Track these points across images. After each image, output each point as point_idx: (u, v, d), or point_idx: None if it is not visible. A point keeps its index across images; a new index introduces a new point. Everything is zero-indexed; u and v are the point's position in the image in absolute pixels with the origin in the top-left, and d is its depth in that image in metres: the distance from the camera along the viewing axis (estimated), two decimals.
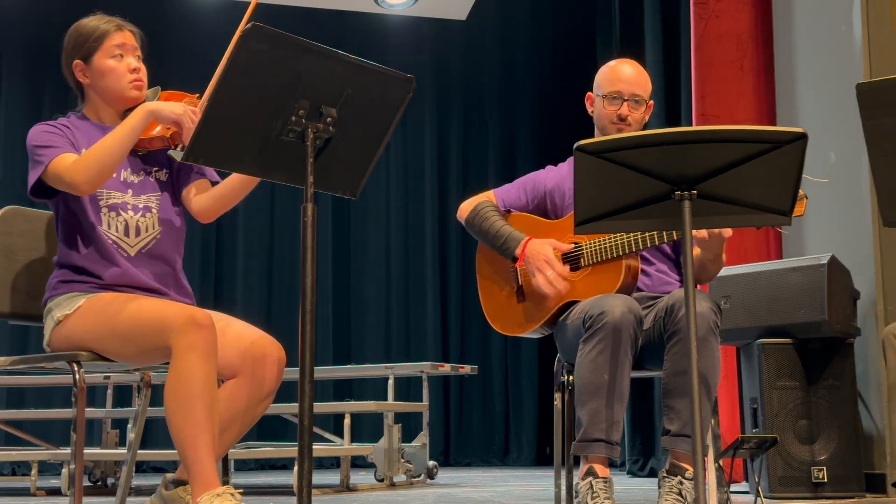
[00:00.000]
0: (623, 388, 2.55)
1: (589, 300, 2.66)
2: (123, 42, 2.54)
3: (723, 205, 2.05)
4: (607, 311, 2.54)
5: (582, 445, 2.56)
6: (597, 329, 2.54)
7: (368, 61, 2.06)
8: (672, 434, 2.57)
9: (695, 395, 1.92)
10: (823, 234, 4.43)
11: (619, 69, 2.95)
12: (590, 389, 2.54)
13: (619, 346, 2.53)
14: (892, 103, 2.00)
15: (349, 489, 4.67)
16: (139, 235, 2.51)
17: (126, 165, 2.54)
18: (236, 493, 2.17)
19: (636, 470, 5.81)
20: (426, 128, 8.41)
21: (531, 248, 2.83)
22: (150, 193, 2.56)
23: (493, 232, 2.93)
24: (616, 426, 2.55)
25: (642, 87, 2.92)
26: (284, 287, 7.85)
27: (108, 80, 2.53)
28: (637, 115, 2.90)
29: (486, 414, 8.16)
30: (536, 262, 2.80)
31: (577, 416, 2.58)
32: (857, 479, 3.74)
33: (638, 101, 2.90)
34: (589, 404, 2.54)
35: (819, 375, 3.81)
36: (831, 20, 4.38)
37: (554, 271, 2.77)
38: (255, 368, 2.38)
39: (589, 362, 2.54)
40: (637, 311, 2.59)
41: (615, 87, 2.90)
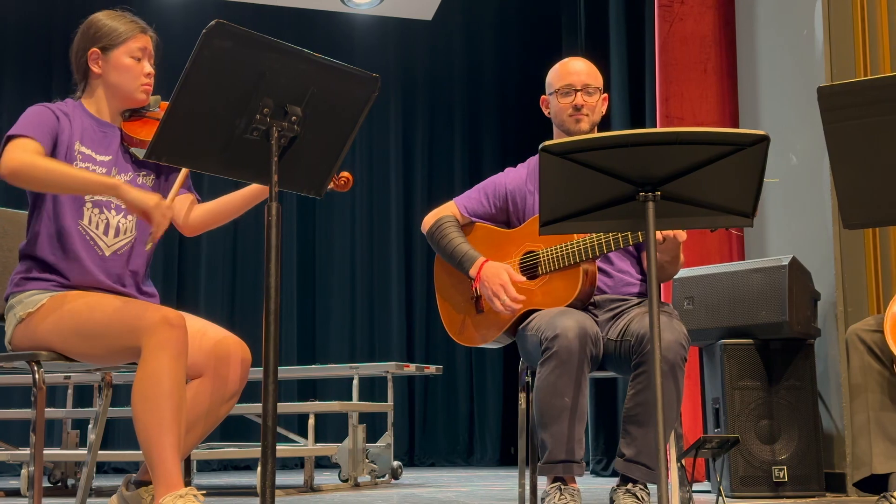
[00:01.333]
0: (582, 407, 2.60)
1: (544, 318, 2.67)
2: (145, 46, 2.55)
3: (686, 206, 2.07)
4: (561, 335, 2.56)
5: (548, 467, 2.61)
6: (553, 352, 2.57)
7: (333, 60, 2.05)
8: (626, 459, 2.62)
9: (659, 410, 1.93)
10: (785, 235, 4.48)
11: (567, 64, 2.99)
12: (551, 413, 2.57)
13: (575, 368, 2.56)
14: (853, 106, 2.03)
15: (313, 489, 4.65)
16: (117, 236, 2.48)
17: (116, 163, 2.51)
18: (199, 495, 2.16)
19: (599, 469, 5.84)
20: (392, 127, 8.40)
21: (486, 271, 2.84)
22: None
23: (451, 249, 2.94)
24: (579, 443, 2.60)
25: (592, 77, 2.95)
26: (248, 286, 7.80)
27: (123, 76, 2.51)
28: (592, 102, 2.92)
29: (451, 414, 8.17)
30: (492, 286, 2.80)
31: (541, 438, 2.62)
32: (818, 479, 3.79)
33: (590, 90, 2.92)
34: (551, 428, 2.58)
35: (780, 376, 3.85)
36: (793, 24, 4.43)
37: (509, 296, 2.78)
38: (219, 368, 2.37)
39: (549, 385, 2.57)
40: (592, 329, 2.61)
41: (566, 81, 2.93)
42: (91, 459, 2.83)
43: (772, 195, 4.42)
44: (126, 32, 2.51)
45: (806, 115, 4.10)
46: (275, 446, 1.91)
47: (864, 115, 2.02)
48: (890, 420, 2.50)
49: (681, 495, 2.70)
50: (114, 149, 2.53)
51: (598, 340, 2.63)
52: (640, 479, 2.61)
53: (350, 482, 4.92)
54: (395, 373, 5.57)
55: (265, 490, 1.90)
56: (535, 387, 2.63)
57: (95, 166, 2.47)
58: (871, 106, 2.00)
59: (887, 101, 1.99)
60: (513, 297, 2.77)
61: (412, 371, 5.70)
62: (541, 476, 2.70)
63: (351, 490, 4.74)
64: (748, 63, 4.88)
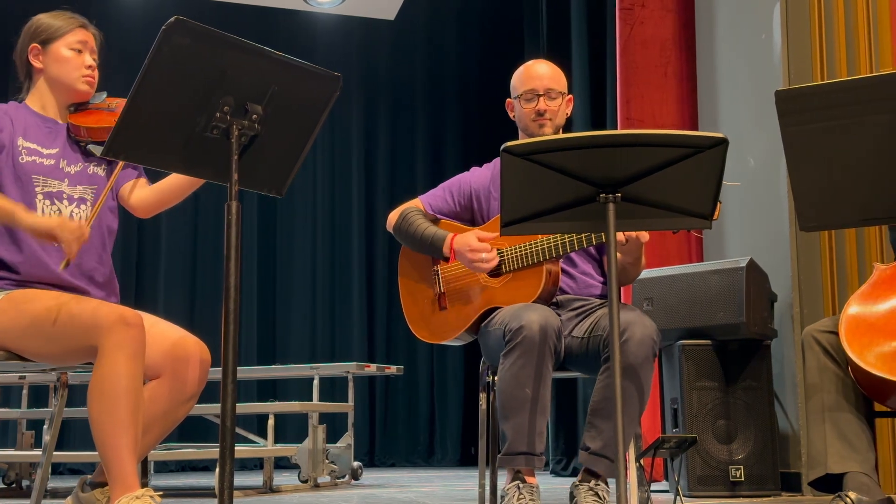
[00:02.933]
0: (545, 401, 2.59)
1: (509, 311, 2.68)
2: (85, 40, 2.57)
3: (646, 208, 2.08)
4: (525, 326, 2.56)
5: (507, 458, 2.61)
6: (516, 343, 2.57)
7: (295, 58, 2.04)
8: (591, 452, 2.62)
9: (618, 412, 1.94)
10: (742, 237, 4.53)
11: (530, 68, 2.99)
12: (513, 404, 2.57)
13: (538, 359, 2.56)
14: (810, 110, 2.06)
15: (272, 490, 4.62)
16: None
17: (64, 155, 2.50)
18: (155, 496, 2.14)
19: (559, 469, 5.86)
20: (353, 127, 8.37)
21: (458, 242, 2.85)
22: (87, 185, 2.53)
23: (419, 234, 2.94)
24: (539, 437, 2.59)
25: (556, 80, 2.95)
26: (208, 286, 7.74)
27: (63, 68, 2.54)
28: (555, 106, 2.92)
29: (412, 414, 8.16)
30: (467, 252, 2.81)
31: (502, 430, 2.62)
32: (774, 478, 3.83)
33: (553, 94, 2.92)
34: (513, 419, 2.57)
35: (737, 376, 3.89)
36: (752, 28, 4.48)
37: (485, 253, 2.79)
38: (177, 369, 2.34)
39: (511, 377, 2.57)
40: (556, 324, 2.62)
41: (529, 86, 2.93)
42: (46, 460, 2.78)
43: (730, 197, 4.46)
44: (65, 26, 2.55)
45: (764, 119, 4.15)
46: (233, 447, 1.89)
47: (821, 119, 2.04)
48: (845, 420, 2.53)
49: (639, 495, 2.72)
50: (60, 142, 2.52)
51: (560, 335, 2.64)
52: (603, 473, 2.61)
53: (310, 483, 4.89)
54: (356, 373, 5.55)
55: (223, 491, 1.88)
56: (498, 378, 2.62)
57: (42, 159, 2.46)
58: (828, 110, 2.03)
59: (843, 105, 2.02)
60: (489, 256, 2.79)
61: (373, 371, 5.69)
62: (501, 468, 2.69)
63: (310, 491, 4.72)
64: (707, 66, 4.92)
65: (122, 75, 2.58)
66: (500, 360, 2.61)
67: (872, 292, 2.55)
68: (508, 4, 7.63)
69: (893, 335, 2.42)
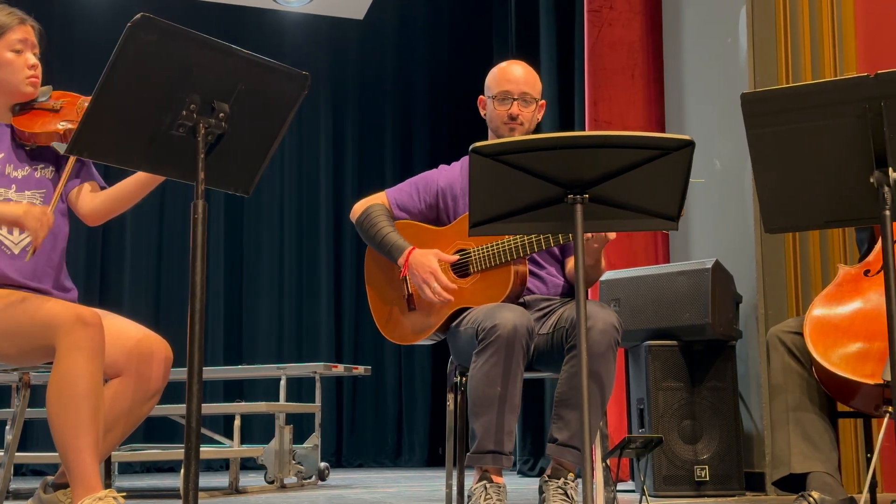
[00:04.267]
0: (515, 400, 2.59)
1: (481, 310, 2.67)
2: (25, 37, 2.47)
3: (614, 209, 2.09)
4: (499, 325, 2.56)
5: (476, 457, 2.60)
6: (490, 342, 2.56)
7: (262, 57, 2.03)
8: (559, 443, 2.62)
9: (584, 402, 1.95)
10: (708, 239, 4.56)
11: (507, 70, 2.97)
12: (483, 402, 2.56)
13: (511, 358, 2.55)
14: (775, 113, 2.07)
15: (238, 491, 4.59)
16: (23, 233, 2.41)
17: (10, 160, 2.45)
18: (119, 497, 2.12)
19: (526, 470, 5.87)
20: (322, 126, 8.34)
21: (414, 259, 2.83)
22: (35, 190, 2.47)
23: (379, 238, 2.92)
24: (509, 436, 2.59)
25: (531, 85, 2.94)
26: (174, 285, 7.67)
27: (4, 72, 2.45)
28: (528, 113, 2.92)
29: (379, 415, 8.14)
30: (422, 274, 2.80)
31: (472, 428, 2.61)
32: (738, 478, 3.86)
33: (527, 99, 2.92)
34: (483, 417, 2.57)
35: (702, 377, 3.92)
36: (718, 32, 4.51)
37: (439, 283, 2.77)
38: (140, 367, 2.32)
39: (483, 375, 2.56)
40: (528, 323, 2.62)
41: (504, 88, 2.92)
42: (8, 461, 2.75)
43: (696, 199, 4.50)
44: (2, 27, 2.45)
45: (730, 121, 4.18)
46: (198, 448, 1.88)
47: (786, 122, 2.06)
48: (808, 420, 2.56)
49: (605, 495, 2.73)
50: (5, 146, 2.47)
51: (533, 334, 2.65)
52: (572, 464, 2.60)
53: (276, 484, 4.87)
54: (323, 373, 5.53)
55: (188, 492, 1.86)
56: (469, 376, 2.61)
57: None
58: (793, 113, 2.05)
59: (808, 108, 2.03)
60: (443, 285, 2.77)
61: (340, 372, 5.67)
62: (469, 467, 2.68)
63: (277, 492, 4.70)
64: (674, 69, 4.96)
65: (88, 72, 2.54)
66: (473, 359, 2.61)
67: (836, 293, 2.58)
68: (477, 5, 7.64)
69: (857, 336, 2.45)
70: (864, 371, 2.36)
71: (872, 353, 2.38)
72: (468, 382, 2.63)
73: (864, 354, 2.39)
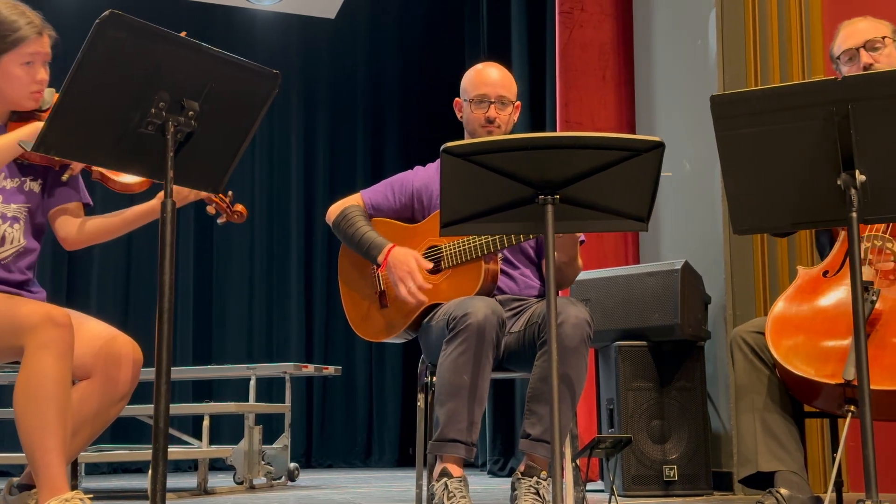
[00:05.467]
0: (482, 390, 2.58)
1: (453, 302, 2.68)
2: (39, 50, 2.35)
3: (584, 209, 2.10)
4: (471, 313, 2.56)
5: (438, 445, 2.57)
6: (460, 330, 2.56)
7: (232, 55, 2.02)
8: (532, 438, 2.62)
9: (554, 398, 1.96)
10: (678, 240, 4.59)
11: (483, 73, 2.98)
12: (449, 390, 2.56)
13: (481, 347, 2.55)
14: (744, 115, 2.09)
15: (206, 492, 4.56)
16: (3, 246, 2.38)
17: (2, 169, 2.40)
18: (86, 498, 2.10)
19: (496, 470, 5.88)
20: (293, 126, 8.31)
21: (394, 256, 2.83)
22: (21, 204, 2.42)
23: (358, 237, 2.93)
24: (474, 427, 2.57)
25: (507, 88, 2.95)
26: (143, 284, 7.60)
27: (11, 84, 2.35)
28: (504, 115, 2.93)
29: (349, 415, 8.12)
30: (399, 272, 2.80)
31: (436, 416, 2.59)
32: (706, 478, 3.89)
33: (504, 102, 2.93)
34: (448, 404, 2.55)
35: (671, 377, 3.94)
36: (688, 34, 4.54)
37: (415, 283, 2.77)
38: (109, 369, 2.30)
39: (450, 363, 2.56)
40: (500, 314, 2.62)
41: (480, 91, 2.93)
42: None
43: (666, 200, 4.52)
44: (19, 38, 2.32)
45: (699, 123, 4.21)
46: (166, 448, 1.87)
47: (755, 124, 2.08)
48: (774, 420, 2.58)
49: (575, 494, 2.74)
50: None
51: (504, 326, 2.65)
52: (544, 457, 2.60)
53: (245, 484, 4.84)
54: (294, 373, 5.51)
55: (156, 493, 1.85)
56: (438, 365, 2.61)
57: None
58: (761, 115, 2.07)
59: (776, 110, 2.05)
60: (419, 285, 2.77)
61: (311, 372, 5.65)
62: (430, 455, 2.66)
63: (246, 493, 4.67)
64: (645, 71, 4.99)
65: (56, 68, 2.50)
66: (443, 348, 2.60)
67: (797, 295, 2.61)
68: (449, 6, 7.64)
69: (817, 336, 2.48)
70: (825, 371, 2.38)
71: (833, 352, 2.40)
72: (437, 371, 2.62)
73: (824, 355, 2.42)
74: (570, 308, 2.62)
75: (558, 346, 2.49)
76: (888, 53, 2.79)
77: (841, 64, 2.86)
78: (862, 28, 2.85)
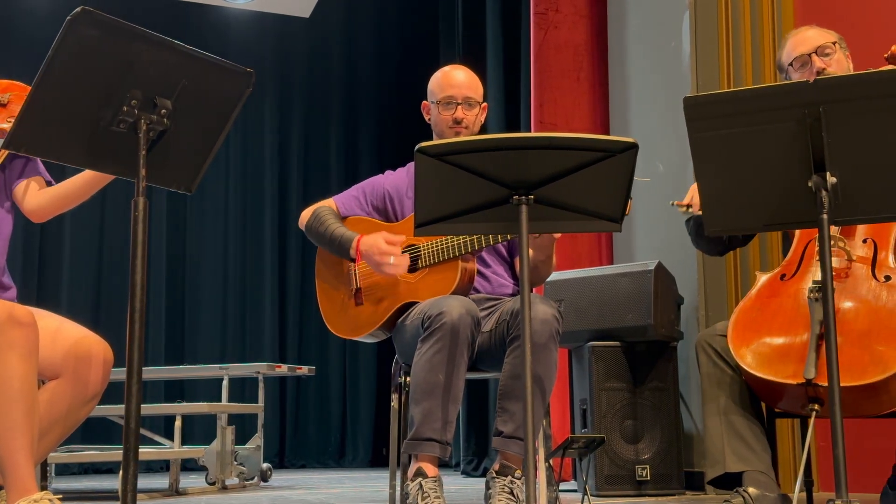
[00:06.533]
0: (457, 389, 2.58)
1: (428, 301, 2.69)
2: None
3: (558, 210, 2.11)
4: (446, 312, 2.56)
5: (414, 444, 2.58)
6: (435, 329, 2.57)
7: (206, 53, 2.00)
8: (504, 436, 2.62)
9: (528, 396, 1.96)
10: (651, 241, 4.61)
11: (450, 75, 3.00)
12: (424, 388, 2.56)
13: (456, 346, 2.56)
14: (717, 117, 2.10)
15: (178, 493, 4.53)
16: None
17: None
18: (55, 499, 2.08)
19: (470, 470, 5.89)
20: (267, 125, 8.27)
21: (364, 244, 2.84)
22: None
23: (328, 235, 2.94)
24: (448, 426, 2.57)
25: (474, 89, 2.98)
26: (114, 284, 7.54)
27: None
28: (471, 116, 2.96)
29: (323, 415, 8.10)
30: (374, 256, 2.80)
31: (411, 415, 2.60)
32: (678, 477, 3.91)
33: (471, 103, 2.95)
34: (423, 403, 2.56)
35: (644, 377, 3.96)
36: (662, 36, 4.57)
37: (394, 257, 2.78)
38: (79, 369, 2.27)
39: (425, 361, 2.56)
40: (475, 313, 2.63)
41: (447, 93, 2.95)
42: None
43: (640, 201, 4.53)
44: None
45: (673, 125, 4.23)
46: (137, 449, 1.85)
47: (728, 126, 2.09)
48: (739, 422, 2.61)
49: (548, 494, 2.75)
50: None
51: (479, 325, 2.66)
52: (517, 454, 2.60)
53: (217, 485, 4.82)
54: (267, 373, 5.49)
55: (126, 494, 1.84)
56: (413, 364, 2.61)
57: None
58: (734, 117, 2.08)
59: (749, 112, 2.07)
60: (397, 257, 2.78)
61: (284, 372, 5.62)
62: (405, 454, 2.67)
63: (218, 493, 4.65)
64: (619, 72, 5.00)
65: (27, 64, 2.48)
66: (418, 346, 2.60)
67: (756, 300, 2.65)
68: (424, 6, 7.63)
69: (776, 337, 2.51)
70: (787, 372, 2.41)
71: (793, 353, 2.43)
72: (412, 370, 2.62)
73: (784, 356, 2.45)
74: (539, 305, 2.63)
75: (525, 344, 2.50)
76: (837, 59, 2.84)
77: (792, 71, 2.89)
78: (811, 35, 2.89)
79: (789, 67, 2.90)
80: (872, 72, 2.00)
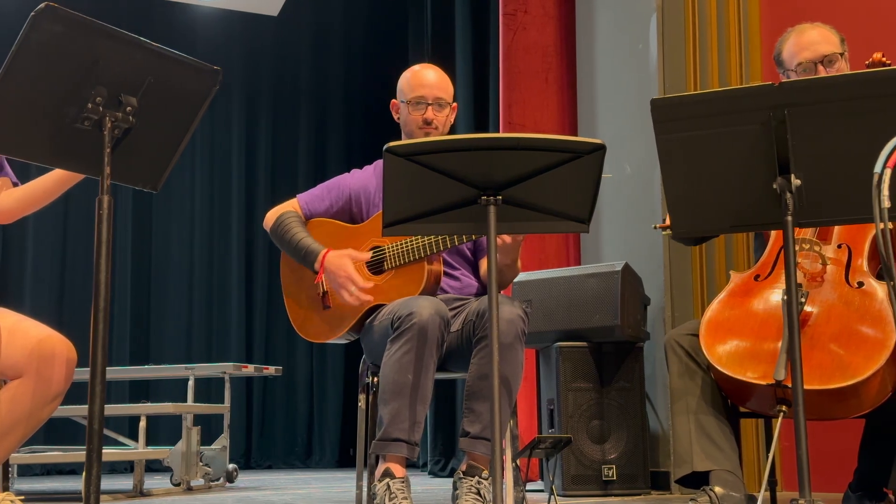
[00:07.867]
0: (426, 390, 2.58)
1: (397, 302, 2.68)
2: None
3: (526, 210, 2.11)
4: (416, 313, 2.56)
5: (382, 444, 2.57)
6: (405, 329, 2.56)
7: (173, 50, 1.99)
8: (471, 436, 2.62)
9: (495, 397, 1.96)
10: (618, 242, 4.64)
11: (420, 74, 2.98)
12: (393, 389, 2.55)
13: (424, 347, 2.55)
14: (683, 119, 2.11)
15: (143, 494, 4.49)
16: None
17: None
18: (17, 500, 2.05)
19: (437, 470, 5.89)
20: (234, 123, 8.23)
21: (330, 262, 2.82)
22: None
23: (294, 244, 2.92)
24: (417, 426, 2.57)
25: (444, 90, 2.97)
26: (78, 283, 7.46)
27: None
28: (441, 117, 2.94)
29: (290, 415, 8.07)
30: (338, 278, 2.79)
31: (379, 415, 2.59)
32: (644, 477, 3.93)
33: (441, 104, 2.94)
34: (391, 404, 2.55)
35: (611, 378, 3.98)
36: (629, 39, 4.59)
37: (356, 286, 2.77)
38: (41, 368, 2.25)
39: (394, 362, 2.56)
40: (445, 314, 2.62)
41: (418, 93, 2.94)
42: None
43: (607, 202, 4.57)
44: None
45: (640, 126, 4.26)
46: (100, 450, 1.83)
47: (694, 128, 2.10)
48: (708, 421, 2.62)
49: (515, 495, 2.75)
50: None
51: (449, 325, 2.65)
52: (484, 455, 2.60)
53: (182, 486, 4.78)
54: (233, 374, 5.45)
55: (90, 495, 1.81)
56: (382, 364, 2.60)
57: None
58: (701, 119, 2.09)
59: (715, 114, 2.08)
60: (360, 287, 2.76)
61: (250, 372, 5.59)
62: (373, 455, 2.66)
63: (183, 494, 4.61)
64: (587, 74, 5.03)
65: None
66: (387, 347, 2.60)
67: (729, 299, 2.66)
68: (394, 5, 7.63)
69: (749, 339, 2.52)
70: (757, 372, 2.43)
71: (764, 354, 2.45)
72: (381, 371, 2.62)
73: (755, 356, 2.46)
74: (504, 305, 2.63)
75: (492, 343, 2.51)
76: (839, 69, 2.83)
77: (794, 76, 2.86)
78: (817, 40, 2.86)
79: (793, 70, 2.88)
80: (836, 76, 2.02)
